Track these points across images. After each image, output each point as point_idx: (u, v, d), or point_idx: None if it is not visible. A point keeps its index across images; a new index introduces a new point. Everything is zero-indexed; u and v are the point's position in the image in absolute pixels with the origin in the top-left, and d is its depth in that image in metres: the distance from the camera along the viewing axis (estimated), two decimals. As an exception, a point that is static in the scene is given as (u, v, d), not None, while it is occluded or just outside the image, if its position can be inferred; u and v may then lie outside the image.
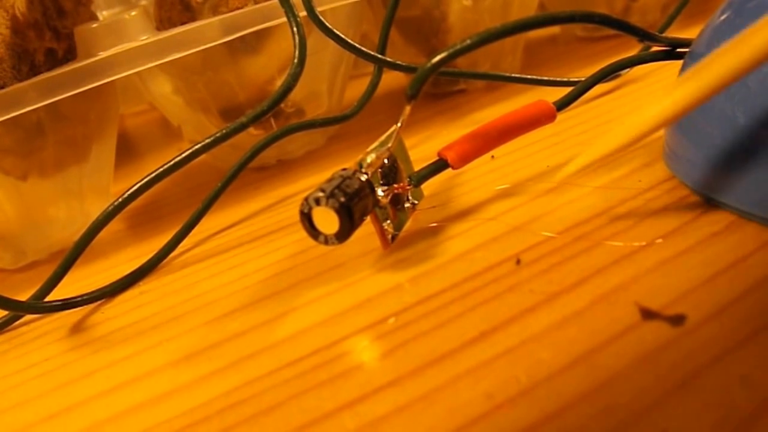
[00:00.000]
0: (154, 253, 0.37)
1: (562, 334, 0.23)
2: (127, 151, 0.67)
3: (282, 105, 0.42)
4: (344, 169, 0.28)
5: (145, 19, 0.40)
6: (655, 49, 0.39)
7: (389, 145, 0.30)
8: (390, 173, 0.31)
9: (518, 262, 0.28)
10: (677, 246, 0.26)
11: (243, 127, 0.36)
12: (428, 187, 0.35)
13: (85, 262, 0.38)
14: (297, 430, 0.22)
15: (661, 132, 0.32)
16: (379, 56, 0.45)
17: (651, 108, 0.26)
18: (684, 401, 0.19)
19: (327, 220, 0.27)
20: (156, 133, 0.75)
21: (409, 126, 0.32)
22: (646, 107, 0.26)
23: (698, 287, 0.23)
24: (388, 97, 0.60)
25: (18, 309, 0.33)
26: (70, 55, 0.41)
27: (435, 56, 0.28)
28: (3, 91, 0.35)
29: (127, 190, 0.34)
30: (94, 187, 0.45)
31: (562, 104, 0.40)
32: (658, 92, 0.26)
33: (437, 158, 0.33)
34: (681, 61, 0.32)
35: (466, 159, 0.33)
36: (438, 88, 0.57)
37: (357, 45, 0.42)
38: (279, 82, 0.44)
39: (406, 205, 0.32)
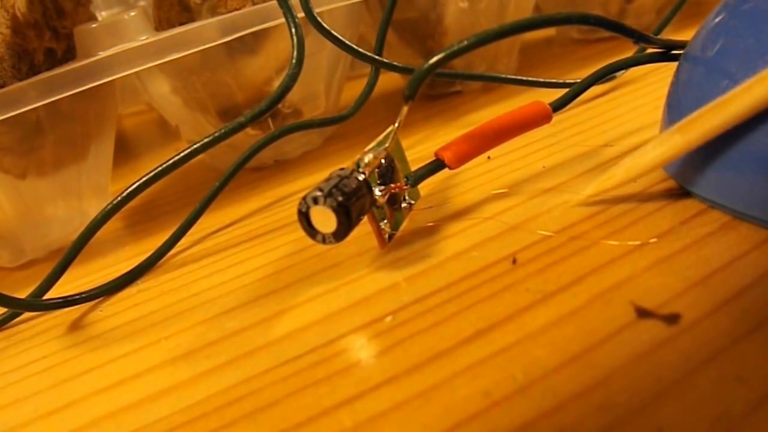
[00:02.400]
0: (152, 251, 0.37)
1: (559, 333, 0.23)
2: (124, 151, 0.67)
3: (279, 105, 0.42)
4: (342, 169, 0.29)
5: (144, 20, 0.41)
6: (650, 51, 0.39)
7: (386, 145, 0.31)
8: (387, 173, 0.31)
9: (514, 261, 0.28)
10: (672, 246, 0.26)
11: (241, 126, 0.36)
12: (425, 187, 0.35)
13: (83, 260, 0.38)
14: (295, 427, 0.22)
15: (657, 133, 0.33)
16: (376, 57, 0.45)
17: (658, 147, 0.27)
18: (679, 399, 0.19)
19: (325, 219, 0.27)
20: (153, 133, 0.75)
21: (406, 127, 0.32)
22: (651, 148, 0.28)
23: (693, 287, 0.24)
24: (385, 99, 0.60)
25: (17, 306, 0.33)
26: (69, 54, 0.41)
27: (432, 57, 0.28)
28: (3, 90, 0.35)
29: (126, 189, 0.34)
30: (92, 186, 0.45)
31: (558, 105, 0.40)
32: (662, 135, 0.27)
33: (434, 158, 0.33)
34: (676, 63, 0.32)
35: (462, 159, 0.33)
36: (434, 89, 0.57)
37: (354, 46, 0.42)
38: (277, 83, 0.44)
39: (403, 204, 0.32)
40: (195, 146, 0.35)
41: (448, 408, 0.21)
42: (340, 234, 0.27)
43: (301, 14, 0.40)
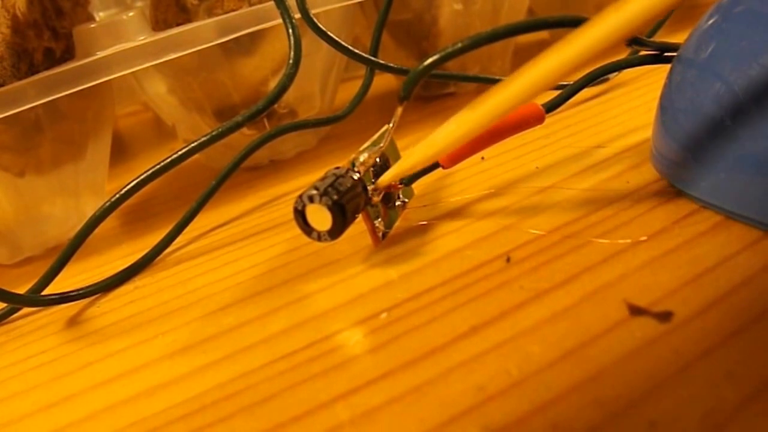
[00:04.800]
0: (149, 249, 0.38)
1: (552, 329, 0.23)
2: (120, 150, 0.67)
3: (275, 106, 0.42)
4: (337, 168, 0.29)
5: (142, 20, 0.41)
6: (643, 53, 0.39)
7: (381, 144, 0.31)
8: (382, 172, 0.31)
9: (508, 259, 0.28)
10: (665, 245, 0.26)
11: (238, 126, 0.37)
12: (419, 186, 0.35)
13: (80, 257, 0.38)
14: (292, 420, 0.22)
15: (649, 134, 0.33)
16: (371, 58, 0.45)
17: (451, 124, 0.28)
18: (672, 395, 0.19)
19: (320, 218, 0.27)
20: (148, 133, 0.75)
21: (400, 128, 0.32)
22: (446, 126, 0.29)
23: (685, 285, 0.24)
24: (379, 100, 0.60)
25: (16, 302, 0.33)
26: (68, 54, 0.42)
27: (427, 59, 0.29)
28: (2, 89, 0.36)
29: (123, 188, 0.34)
30: (89, 184, 0.45)
31: (551, 107, 0.40)
32: (461, 110, 0.28)
33: (428, 158, 0.33)
34: (669, 65, 0.32)
35: (456, 159, 0.33)
36: (428, 91, 0.57)
37: (350, 47, 0.43)
38: (272, 84, 0.44)
39: (397, 203, 0.33)
40: (191, 145, 0.36)
41: (443, 402, 0.21)
42: (335, 232, 0.28)
43: (297, 15, 0.40)
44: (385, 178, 0.31)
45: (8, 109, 0.35)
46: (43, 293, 0.34)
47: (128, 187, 0.34)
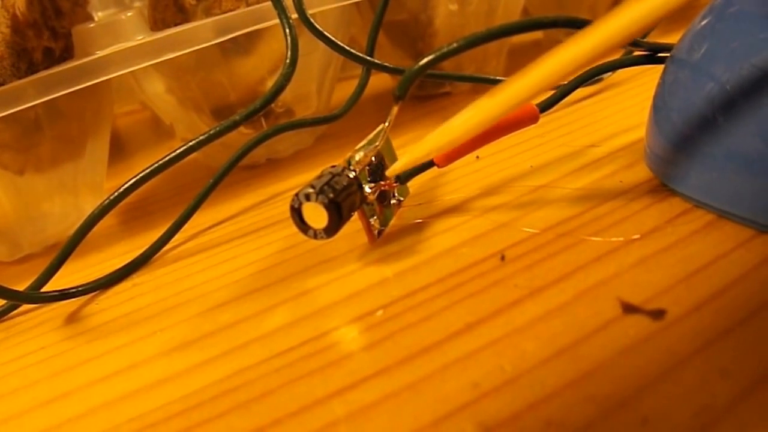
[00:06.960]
0: (147, 247, 0.38)
1: (546, 327, 0.23)
2: (117, 149, 0.67)
3: (272, 105, 0.42)
4: (333, 166, 0.29)
5: (141, 20, 0.41)
6: (637, 53, 0.39)
7: (377, 143, 0.31)
8: (377, 171, 0.31)
9: (503, 257, 0.28)
10: (658, 243, 0.27)
11: (236, 124, 0.37)
12: (414, 185, 0.36)
13: (79, 255, 0.38)
14: (288, 416, 0.22)
15: (643, 134, 0.33)
16: (368, 58, 0.45)
17: (469, 111, 0.28)
18: (664, 391, 0.20)
19: (316, 216, 0.28)
20: (146, 132, 0.75)
21: (396, 127, 0.32)
22: (464, 112, 0.29)
23: (678, 283, 0.24)
24: (375, 99, 0.60)
25: (16, 298, 0.33)
26: (67, 54, 0.42)
27: (423, 59, 0.29)
28: (2, 88, 0.36)
29: (122, 186, 0.34)
30: (88, 182, 0.45)
31: (545, 106, 0.41)
32: (478, 100, 0.28)
33: (423, 157, 0.33)
34: (662, 66, 0.33)
35: (451, 158, 0.33)
36: (424, 90, 0.57)
37: (346, 47, 0.43)
38: (269, 83, 0.44)
39: (393, 201, 0.33)
40: (189, 144, 0.36)
41: (438, 399, 0.21)
42: (331, 230, 0.28)
43: (294, 15, 0.41)
44: (398, 165, 0.31)
45: (8, 108, 0.35)
46: (43, 290, 0.35)
47: (127, 185, 0.34)
